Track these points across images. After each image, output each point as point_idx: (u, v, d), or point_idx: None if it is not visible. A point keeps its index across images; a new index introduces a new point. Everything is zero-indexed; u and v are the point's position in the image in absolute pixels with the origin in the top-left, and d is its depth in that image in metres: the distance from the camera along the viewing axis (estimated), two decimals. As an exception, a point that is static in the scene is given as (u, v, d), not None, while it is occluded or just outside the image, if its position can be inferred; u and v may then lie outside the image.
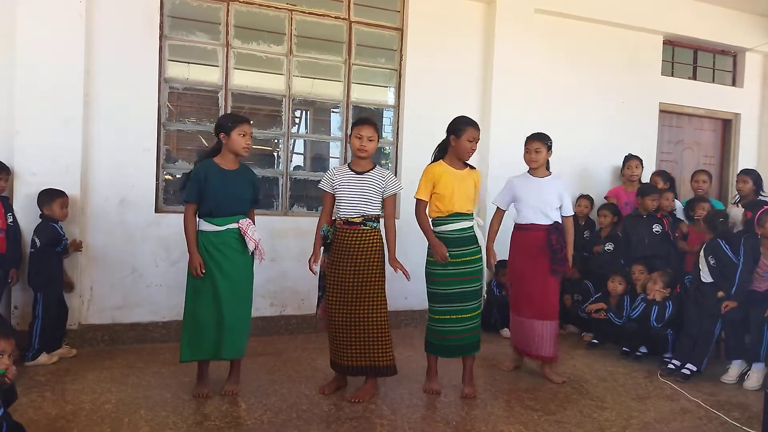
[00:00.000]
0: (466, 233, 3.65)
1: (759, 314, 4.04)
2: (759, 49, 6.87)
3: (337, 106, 5.57)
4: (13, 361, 2.40)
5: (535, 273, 3.97)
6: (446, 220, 3.64)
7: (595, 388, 3.92)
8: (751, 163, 6.89)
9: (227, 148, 3.46)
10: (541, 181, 4.05)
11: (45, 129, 4.21)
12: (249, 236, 3.43)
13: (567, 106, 6.02)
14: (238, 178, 3.48)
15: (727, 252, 4.22)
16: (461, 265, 3.63)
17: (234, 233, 3.43)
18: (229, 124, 3.44)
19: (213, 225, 3.41)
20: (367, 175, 3.53)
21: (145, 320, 4.63)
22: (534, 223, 3.99)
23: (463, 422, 3.29)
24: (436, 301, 3.70)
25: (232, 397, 3.48)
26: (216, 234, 3.41)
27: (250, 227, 3.47)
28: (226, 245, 3.41)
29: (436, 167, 3.66)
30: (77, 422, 3.06)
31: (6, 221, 3.98)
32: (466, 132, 3.61)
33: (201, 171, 3.41)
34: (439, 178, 3.60)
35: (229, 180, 3.43)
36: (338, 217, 3.54)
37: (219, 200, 3.39)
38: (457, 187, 3.60)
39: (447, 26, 5.53)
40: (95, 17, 4.41)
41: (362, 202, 3.50)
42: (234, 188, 3.44)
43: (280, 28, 5.11)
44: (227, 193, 3.41)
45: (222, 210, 3.41)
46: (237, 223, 3.43)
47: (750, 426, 3.34)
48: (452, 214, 3.62)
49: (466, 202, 3.65)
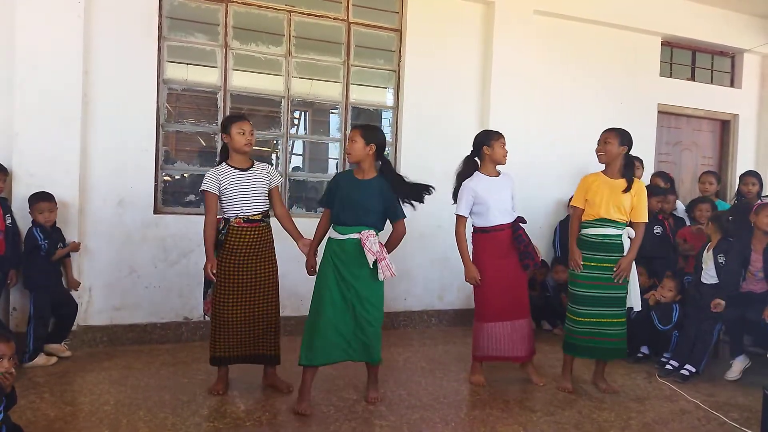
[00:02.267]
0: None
1: (756, 315, 4.05)
2: (757, 50, 6.88)
3: (335, 107, 5.58)
4: (13, 364, 2.39)
5: (507, 272, 3.91)
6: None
7: (593, 389, 3.93)
8: (750, 164, 6.89)
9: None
10: (497, 180, 4.00)
11: (44, 130, 4.21)
12: (368, 248, 3.28)
13: (565, 107, 6.03)
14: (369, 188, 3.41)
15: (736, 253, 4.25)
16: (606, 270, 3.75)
17: (355, 243, 3.32)
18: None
19: (337, 233, 3.39)
20: (253, 170, 3.58)
21: (144, 321, 4.62)
22: (501, 223, 3.92)
23: (462, 423, 3.29)
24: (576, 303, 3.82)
25: (232, 397, 3.48)
26: (338, 242, 3.36)
27: (370, 239, 3.30)
28: (348, 254, 3.34)
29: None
30: (76, 423, 3.06)
31: (5, 222, 3.98)
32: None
33: (334, 181, 3.50)
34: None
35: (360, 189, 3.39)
36: (235, 215, 3.52)
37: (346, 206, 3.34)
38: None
39: (446, 27, 5.54)
40: (94, 18, 4.41)
41: (260, 199, 3.57)
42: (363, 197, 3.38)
43: (278, 29, 5.11)
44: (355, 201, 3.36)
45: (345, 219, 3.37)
46: (359, 234, 3.31)
47: (749, 426, 3.34)
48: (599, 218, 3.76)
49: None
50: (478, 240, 3.98)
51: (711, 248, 4.45)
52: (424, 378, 4.02)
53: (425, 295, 5.54)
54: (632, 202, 3.72)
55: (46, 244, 4.04)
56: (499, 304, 3.88)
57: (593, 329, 3.74)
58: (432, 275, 5.57)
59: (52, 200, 4.09)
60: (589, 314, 3.73)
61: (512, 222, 3.93)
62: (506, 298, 3.88)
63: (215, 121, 4.96)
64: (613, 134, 3.76)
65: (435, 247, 5.53)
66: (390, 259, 3.35)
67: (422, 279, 5.52)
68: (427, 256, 5.52)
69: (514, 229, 3.92)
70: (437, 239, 5.52)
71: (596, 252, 3.73)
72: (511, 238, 3.90)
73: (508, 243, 3.91)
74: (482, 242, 3.95)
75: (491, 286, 3.88)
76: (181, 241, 4.70)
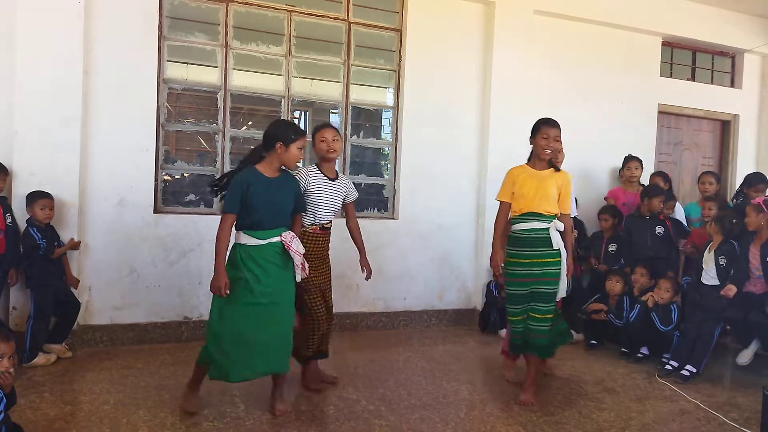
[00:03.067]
0: (540, 234, 3.60)
1: (758, 317, 4.05)
2: (757, 50, 6.88)
3: (336, 107, 5.58)
4: (13, 364, 2.39)
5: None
6: (520, 219, 3.64)
7: (593, 389, 3.93)
8: (750, 165, 6.91)
9: (279, 158, 3.17)
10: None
11: (44, 129, 4.20)
12: (294, 250, 3.17)
13: (566, 106, 6.01)
14: (282, 187, 3.22)
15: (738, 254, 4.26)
16: (537, 266, 3.59)
17: (276, 247, 3.16)
18: (292, 136, 3.16)
19: (255, 239, 3.13)
20: (338, 182, 3.65)
21: (144, 321, 4.62)
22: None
23: (461, 423, 3.29)
24: (511, 302, 3.72)
25: (231, 397, 3.48)
26: (257, 248, 3.13)
27: (294, 240, 3.20)
28: (267, 260, 3.14)
29: (515, 169, 3.74)
30: (76, 423, 3.06)
31: (5, 222, 3.98)
32: (540, 130, 3.66)
33: (244, 178, 3.13)
34: (516, 178, 3.66)
35: (273, 189, 3.17)
36: (312, 222, 3.53)
37: (263, 211, 3.12)
38: (535, 187, 3.60)
39: (446, 27, 5.54)
40: (94, 18, 4.41)
41: (335, 208, 3.63)
42: (278, 197, 3.18)
43: (279, 28, 5.11)
44: (272, 203, 3.15)
45: (265, 222, 3.14)
46: (280, 236, 3.17)
47: (748, 427, 3.34)
48: (527, 213, 3.60)
49: (543, 201, 3.60)
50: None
51: (712, 249, 4.45)
52: (424, 378, 4.02)
53: (425, 294, 5.54)
54: (559, 192, 3.64)
55: (45, 242, 4.05)
56: None
57: (528, 325, 3.65)
58: (432, 275, 5.57)
59: (51, 198, 4.11)
60: (524, 311, 3.65)
61: None
62: None
63: (215, 121, 4.96)
64: (559, 131, 3.72)
65: (435, 246, 5.54)
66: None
67: (422, 279, 5.52)
68: (427, 255, 5.52)
69: None
70: (437, 239, 5.53)
71: (525, 248, 3.60)
72: None
73: None
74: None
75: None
76: (182, 241, 4.70)
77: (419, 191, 5.51)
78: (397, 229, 5.45)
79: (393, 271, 5.40)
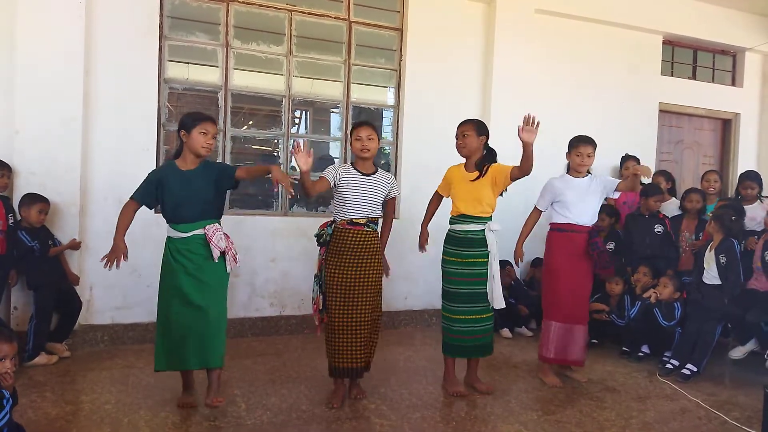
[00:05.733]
0: (476, 235, 3.66)
1: (758, 316, 4.04)
2: (758, 48, 6.88)
3: (336, 107, 5.58)
4: (14, 365, 2.39)
5: (579, 276, 3.93)
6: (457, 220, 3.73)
7: (594, 388, 3.93)
8: (751, 163, 6.90)
9: (187, 147, 3.20)
10: (582, 181, 4.00)
11: (45, 129, 4.21)
12: (214, 243, 3.16)
13: (566, 105, 6.02)
14: (198, 178, 3.19)
15: (738, 253, 4.25)
16: (469, 266, 3.64)
17: (200, 240, 3.17)
18: (192, 121, 3.17)
19: (178, 231, 3.18)
20: (374, 177, 3.52)
21: (145, 320, 4.61)
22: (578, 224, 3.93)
23: (462, 422, 3.28)
24: (449, 300, 3.71)
25: (232, 397, 3.48)
26: (183, 240, 3.18)
27: (216, 234, 3.19)
28: (194, 253, 3.17)
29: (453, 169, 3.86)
30: (77, 422, 3.07)
31: (7, 222, 3.98)
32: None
33: (157, 174, 3.24)
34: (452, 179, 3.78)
35: (187, 181, 3.17)
36: (340, 217, 3.47)
37: (178, 204, 3.16)
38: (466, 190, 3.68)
39: (447, 26, 5.53)
40: (95, 18, 4.41)
41: (370, 204, 3.48)
42: (193, 189, 3.17)
43: (279, 28, 5.12)
44: (186, 195, 3.16)
45: (184, 215, 3.18)
46: (203, 229, 3.17)
47: (750, 426, 3.34)
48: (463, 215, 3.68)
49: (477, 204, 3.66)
50: (553, 237, 4.00)
51: (713, 248, 4.44)
52: (425, 377, 4.02)
53: (426, 294, 5.53)
54: (493, 185, 3.60)
55: (37, 244, 4.04)
56: (562, 305, 3.91)
57: (464, 327, 3.66)
58: (432, 275, 5.54)
59: (48, 202, 4.11)
60: (461, 311, 3.66)
61: (591, 226, 3.95)
62: (572, 300, 3.91)
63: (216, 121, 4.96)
64: (470, 126, 3.68)
65: (435, 246, 5.52)
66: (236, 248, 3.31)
67: (422, 278, 5.51)
68: (427, 255, 5.50)
69: (590, 234, 3.92)
70: (439, 238, 5.51)
71: (461, 248, 3.66)
72: (587, 243, 3.90)
73: (584, 246, 3.90)
74: (558, 240, 3.97)
75: (555, 285, 3.94)
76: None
77: (420, 190, 5.49)
78: (399, 228, 5.43)
79: (394, 270, 5.29)
